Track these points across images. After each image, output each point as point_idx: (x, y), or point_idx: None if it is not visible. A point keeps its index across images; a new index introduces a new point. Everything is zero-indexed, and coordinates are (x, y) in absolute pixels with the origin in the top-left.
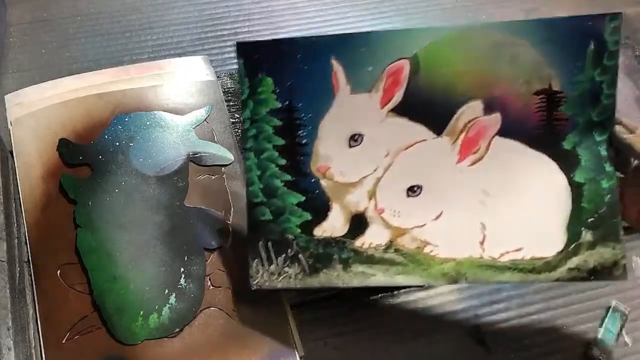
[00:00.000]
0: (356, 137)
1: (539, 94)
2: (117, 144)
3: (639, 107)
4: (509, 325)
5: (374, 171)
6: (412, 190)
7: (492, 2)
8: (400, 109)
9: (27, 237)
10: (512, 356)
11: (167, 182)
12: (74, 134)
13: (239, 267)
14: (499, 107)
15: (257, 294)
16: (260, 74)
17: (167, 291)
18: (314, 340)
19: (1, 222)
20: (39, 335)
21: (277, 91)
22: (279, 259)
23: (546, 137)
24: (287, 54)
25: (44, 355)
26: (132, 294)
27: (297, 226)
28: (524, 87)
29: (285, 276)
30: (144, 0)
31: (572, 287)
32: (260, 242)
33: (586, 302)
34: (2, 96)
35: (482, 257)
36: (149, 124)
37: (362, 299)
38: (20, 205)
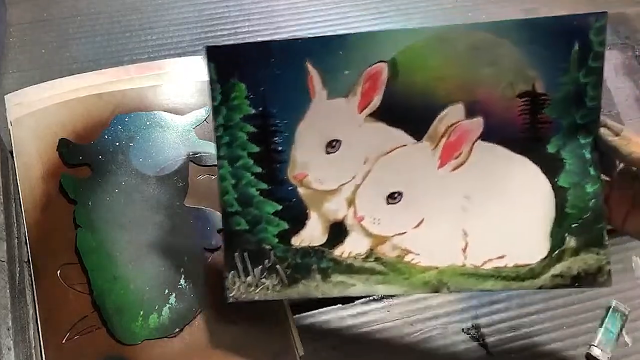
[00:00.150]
0: (334, 143)
1: (522, 96)
2: (117, 144)
3: (639, 107)
4: (509, 325)
5: (353, 178)
6: (392, 197)
7: (492, 2)
8: (378, 114)
9: (27, 237)
10: (512, 356)
11: (167, 182)
12: (74, 134)
13: None
14: (481, 110)
15: None
16: (232, 79)
17: (167, 291)
18: (314, 340)
19: (1, 222)
20: (39, 335)
21: (251, 97)
22: (256, 270)
23: (530, 141)
24: (260, 58)
25: (44, 355)
26: (132, 294)
27: (274, 236)
28: (507, 89)
29: (262, 288)
30: (144, 0)
31: (572, 288)
32: (236, 253)
33: (586, 302)
34: (2, 96)
35: (464, 265)
36: (149, 124)
37: (362, 299)
38: (20, 205)
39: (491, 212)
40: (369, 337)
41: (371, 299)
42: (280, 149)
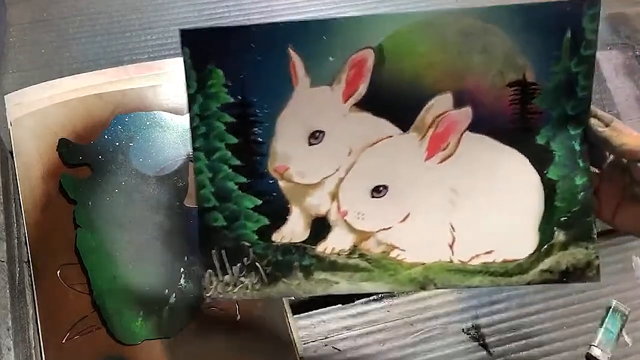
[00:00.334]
0: (317, 134)
1: (512, 85)
2: (117, 144)
3: (639, 107)
4: (509, 325)
5: (336, 171)
6: (377, 190)
7: (493, 2)
8: (364, 103)
9: (27, 237)
10: (512, 356)
11: (167, 182)
12: (74, 134)
13: None
14: (470, 100)
15: None
16: (209, 66)
17: (167, 291)
18: (314, 340)
19: (1, 222)
20: (39, 335)
21: (229, 84)
22: (235, 268)
23: (519, 132)
24: (239, 43)
25: (44, 355)
26: (132, 294)
27: (254, 232)
28: (497, 78)
29: (241, 287)
30: (144, 0)
31: (572, 287)
32: (213, 251)
33: (586, 302)
34: (2, 96)
35: (451, 261)
36: (148, 124)
37: (362, 299)
38: (20, 205)
39: (479, 206)
40: (369, 337)
41: (371, 299)
42: (260, 140)
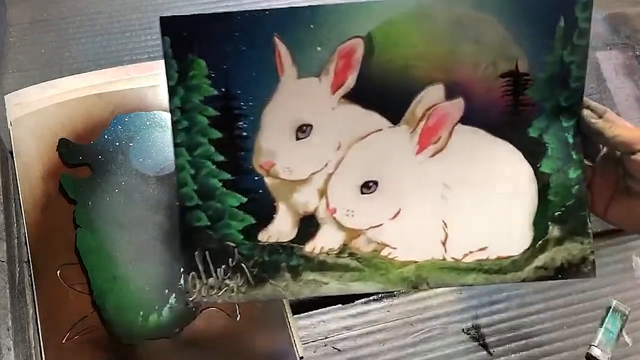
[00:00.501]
0: (304, 127)
1: (504, 76)
2: (117, 144)
3: (639, 107)
4: (509, 325)
5: (325, 166)
6: (367, 186)
7: None
8: (353, 95)
9: (27, 237)
10: (512, 356)
11: (167, 182)
12: (74, 134)
13: None
14: (462, 91)
15: None
16: (190, 55)
17: (167, 291)
18: (314, 340)
19: (1, 222)
20: (39, 335)
21: (212, 75)
22: (219, 270)
23: (511, 124)
24: (222, 32)
25: (43, 355)
26: (132, 294)
27: (239, 231)
28: (489, 69)
29: (226, 290)
30: (144, 0)
31: (572, 287)
32: (196, 252)
33: (586, 302)
34: (2, 96)
35: (444, 259)
36: (148, 124)
37: (361, 299)
38: (20, 205)
39: (472, 201)
40: (369, 337)
41: (371, 299)
42: (244, 134)
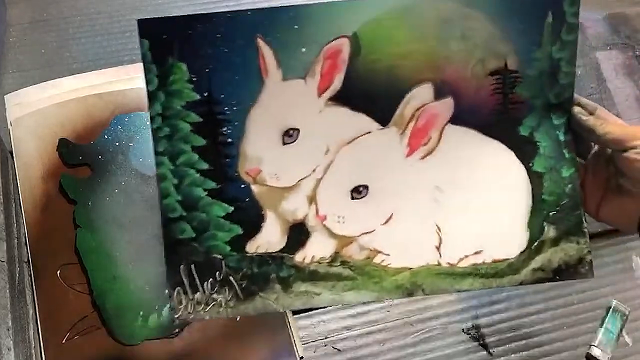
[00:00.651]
0: (291, 132)
1: (494, 74)
2: (117, 144)
3: (639, 107)
4: (509, 325)
5: (313, 171)
6: (357, 191)
7: None
8: (340, 97)
9: (27, 237)
10: (512, 356)
11: None
12: (74, 134)
13: None
14: (451, 90)
15: None
16: (170, 59)
17: (167, 291)
18: (314, 340)
19: (1, 222)
20: (39, 335)
21: (193, 79)
22: (206, 284)
23: (502, 123)
24: (203, 34)
25: (43, 355)
26: (132, 294)
27: (226, 243)
28: (478, 67)
29: (214, 305)
30: (144, 0)
31: (572, 287)
32: (181, 266)
33: (586, 302)
34: (2, 96)
35: (439, 264)
36: (148, 124)
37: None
38: (20, 205)
39: (465, 204)
40: (369, 337)
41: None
42: (229, 140)
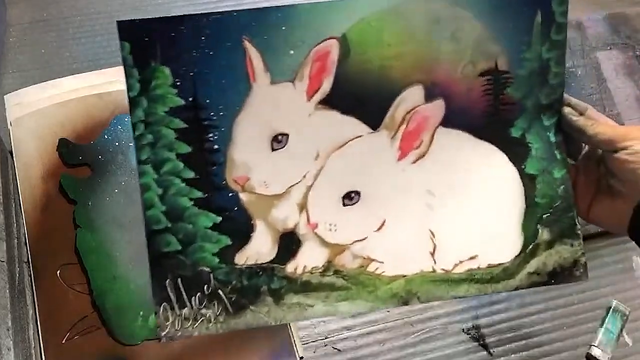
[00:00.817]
0: (279, 137)
1: (484, 75)
2: (117, 144)
3: (639, 107)
4: (509, 325)
5: (303, 178)
6: (349, 197)
7: None
8: (330, 101)
9: (27, 237)
10: (512, 356)
11: None
12: (74, 134)
13: None
14: (442, 92)
15: None
16: (153, 63)
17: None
18: (314, 340)
19: (1, 222)
20: (39, 335)
21: (177, 84)
22: (194, 299)
23: (493, 125)
24: (187, 36)
25: (43, 355)
26: (132, 294)
27: (214, 255)
28: (469, 67)
29: (202, 320)
30: (144, 0)
31: (572, 287)
32: (167, 281)
33: (586, 302)
34: (2, 96)
35: (434, 271)
36: None
37: None
38: (20, 205)
39: (458, 208)
40: (369, 337)
41: None
42: (215, 147)
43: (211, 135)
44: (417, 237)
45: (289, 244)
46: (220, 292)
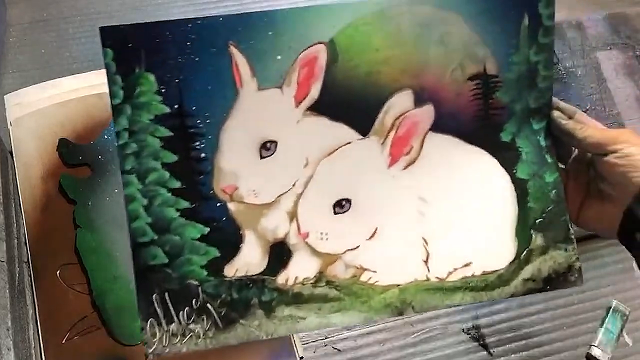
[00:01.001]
0: (268, 144)
1: (473, 79)
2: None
3: (639, 107)
4: (509, 325)
5: (293, 186)
6: (340, 205)
7: None
8: (318, 107)
9: (27, 237)
10: (512, 356)
11: None
12: (74, 134)
13: None
14: (431, 97)
15: None
16: (137, 69)
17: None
18: (314, 340)
19: (1, 222)
20: (39, 335)
21: (162, 91)
22: (182, 314)
23: (484, 130)
24: (172, 42)
25: (43, 355)
26: (132, 294)
27: (202, 267)
28: (457, 71)
29: (191, 336)
30: (144, 0)
31: (572, 288)
32: (154, 295)
33: (586, 302)
34: (2, 96)
35: (428, 279)
36: None
37: None
38: (20, 205)
39: (451, 215)
40: (369, 337)
41: None
42: (202, 155)
43: (198, 143)
44: (410, 245)
45: (279, 254)
46: (209, 306)
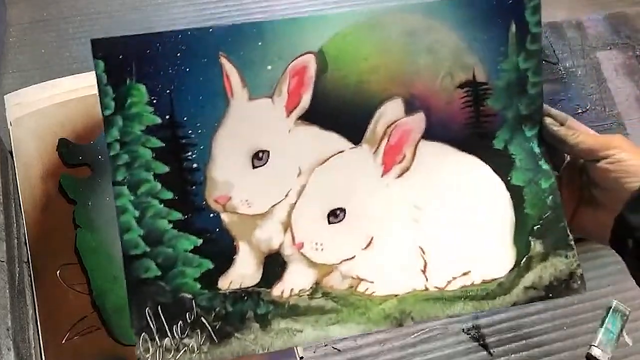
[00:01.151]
0: (260, 154)
1: (463, 86)
2: None
3: (639, 107)
4: (509, 325)
5: (286, 196)
6: (334, 214)
7: None
8: (309, 116)
9: (27, 237)
10: (512, 356)
11: None
12: (73, 134)
13: None
14: (421, 105)
15: None
16: (128, 80)
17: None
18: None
19: (1, 222)
20: (39, 335)
21: (154, 101)
22: (175, 328)
23: (476, 137)
24: (163, 52)
25: (43, 355)
26: None
27: (196, 280)
28: (447, 79)
29: (185, 351)
30: (144, 0)
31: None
32: (147, 309)
33: (586, 302)
34: (2, 96)
35: (426, 289)
36: None
37: None
38: (20, 205)
39: (446, 222)
40: (369, 337)
41: None
42: (194, 166)
43: (190, 153)
44: (407, 254)
45: (274, 265)
46: (203, 319)
